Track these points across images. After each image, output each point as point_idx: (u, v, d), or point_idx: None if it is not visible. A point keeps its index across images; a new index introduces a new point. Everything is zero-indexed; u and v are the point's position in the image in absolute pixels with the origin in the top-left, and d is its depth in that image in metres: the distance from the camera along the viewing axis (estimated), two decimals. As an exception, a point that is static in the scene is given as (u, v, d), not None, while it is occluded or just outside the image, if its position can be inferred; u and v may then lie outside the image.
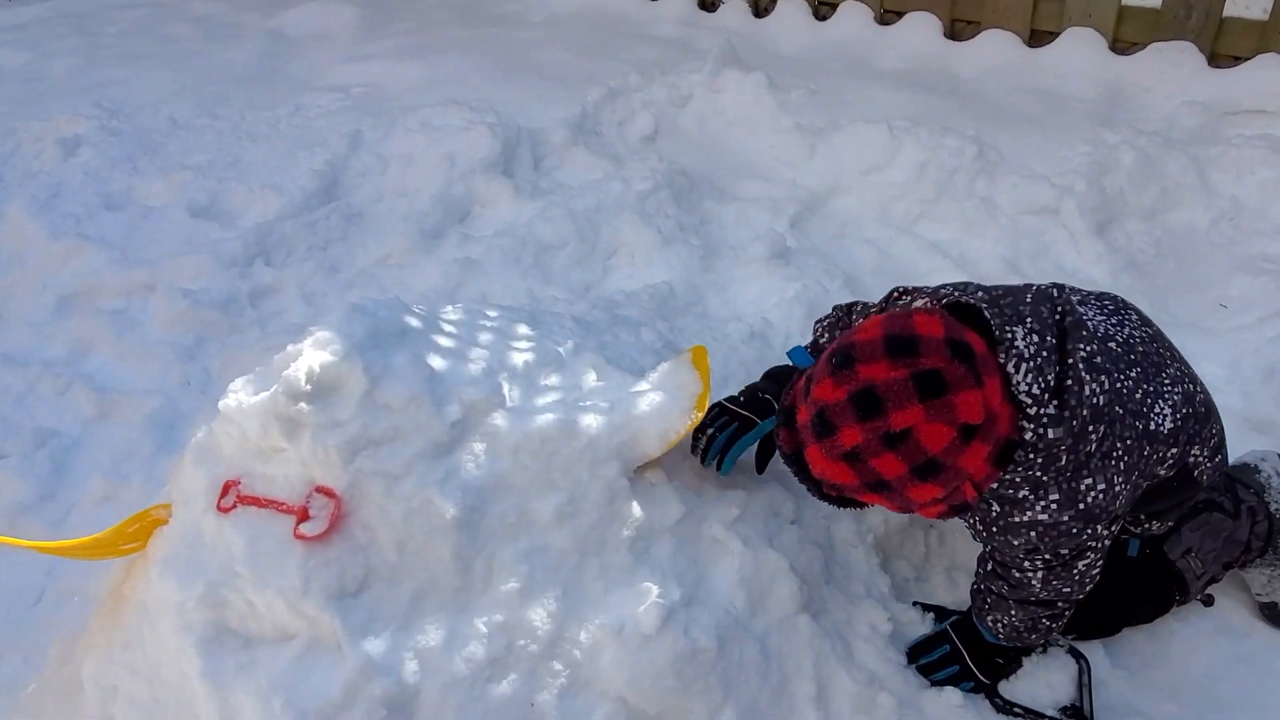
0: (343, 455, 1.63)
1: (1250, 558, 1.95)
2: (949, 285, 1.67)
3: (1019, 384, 1.40)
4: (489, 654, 1.60)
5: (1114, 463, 1.51)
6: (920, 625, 1.97)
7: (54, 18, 5.70)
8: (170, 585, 1.64)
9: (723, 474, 1.89)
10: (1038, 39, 4.03)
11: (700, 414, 1.80)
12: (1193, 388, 1.67)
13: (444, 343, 1.90)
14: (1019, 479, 1.49)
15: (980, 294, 1.54)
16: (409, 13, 5.29)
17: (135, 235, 3.32)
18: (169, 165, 3.74)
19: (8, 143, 3.95)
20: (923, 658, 1.88)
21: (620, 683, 1.62)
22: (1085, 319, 1.53)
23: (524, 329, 2.08)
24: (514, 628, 1.64)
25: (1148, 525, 1.85)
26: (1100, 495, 1.50)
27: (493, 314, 2.12)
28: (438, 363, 1.82)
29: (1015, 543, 1.59)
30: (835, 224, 3.22)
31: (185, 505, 1.74)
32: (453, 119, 3.64)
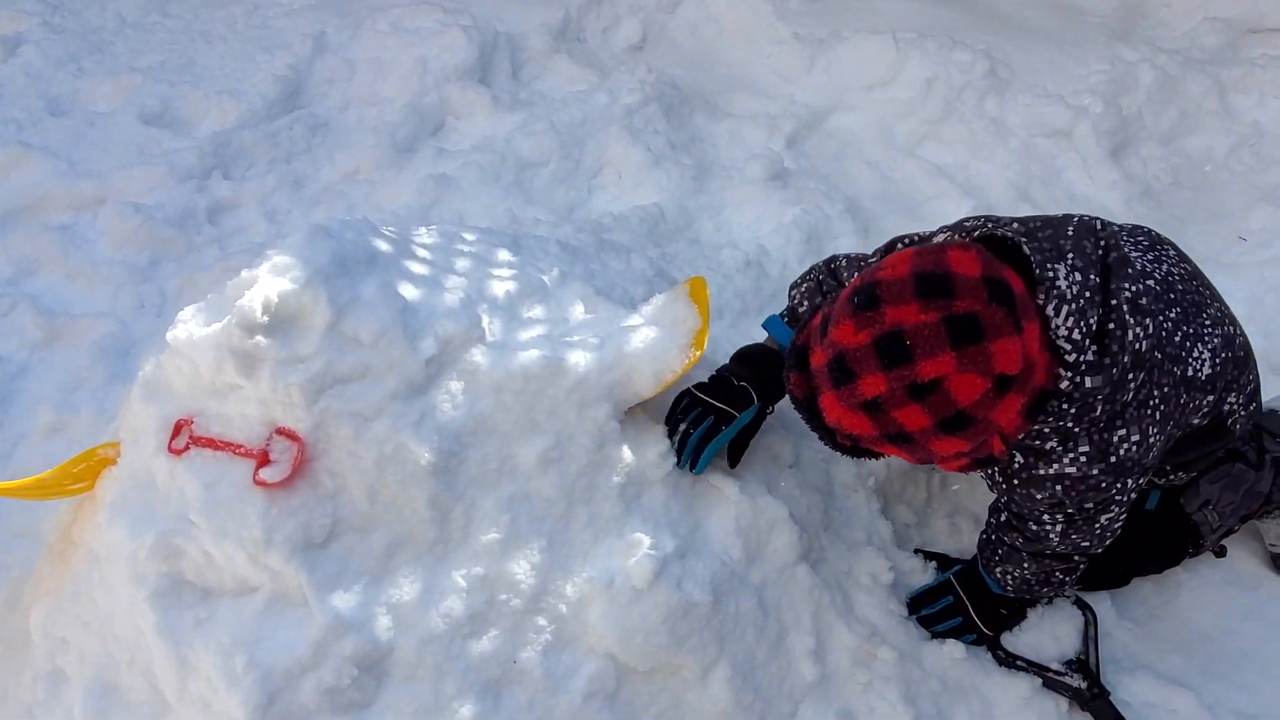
0: (306, 394, 1.49)
1: (1270, 509, 1.86)
2: (971, 218, 1.51)
3: (1058, 328, 1.27)
4: (468, 609, 1.50)
5: (1150, 412, 1.39)
6: (922, 575, 1.88)
7: (-10, -99, 5.24)
8: (120, 533, 1.51)
9: (696, 473, 1.69)
10: (1052, -54, 3.78)
11: (699, 352, 1.66)
12: (1233, 330, 1.55)
13: (418, 270, 1.74)
14: (1047, 430, 1.38)
15: (1016, 225, 1.38)
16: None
17: (82, 143, 3.08)
18: (117, 67, 3.45)
19: (-60, 41, 3.64)
20: (924, 609, 1.80)
21: (609, 639, 1.52)
22: (1129, 254, 1.39)
23: (505, 255, 1.91)
24: (495, 581, 1.53)
25: (1173, 477, 1.76)
26: (1134, 447, 1.39)
27: (470, 237, 1.95)
28: (411, 292, 1.66)
29: (1039, 496, 1.48)
30: (835, 143, 3.04)
31: (134, 445, 1.60)
32: (425, 20, 3.38)
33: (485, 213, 2.68)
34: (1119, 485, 1.45)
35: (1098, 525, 1.54)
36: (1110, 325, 1.30)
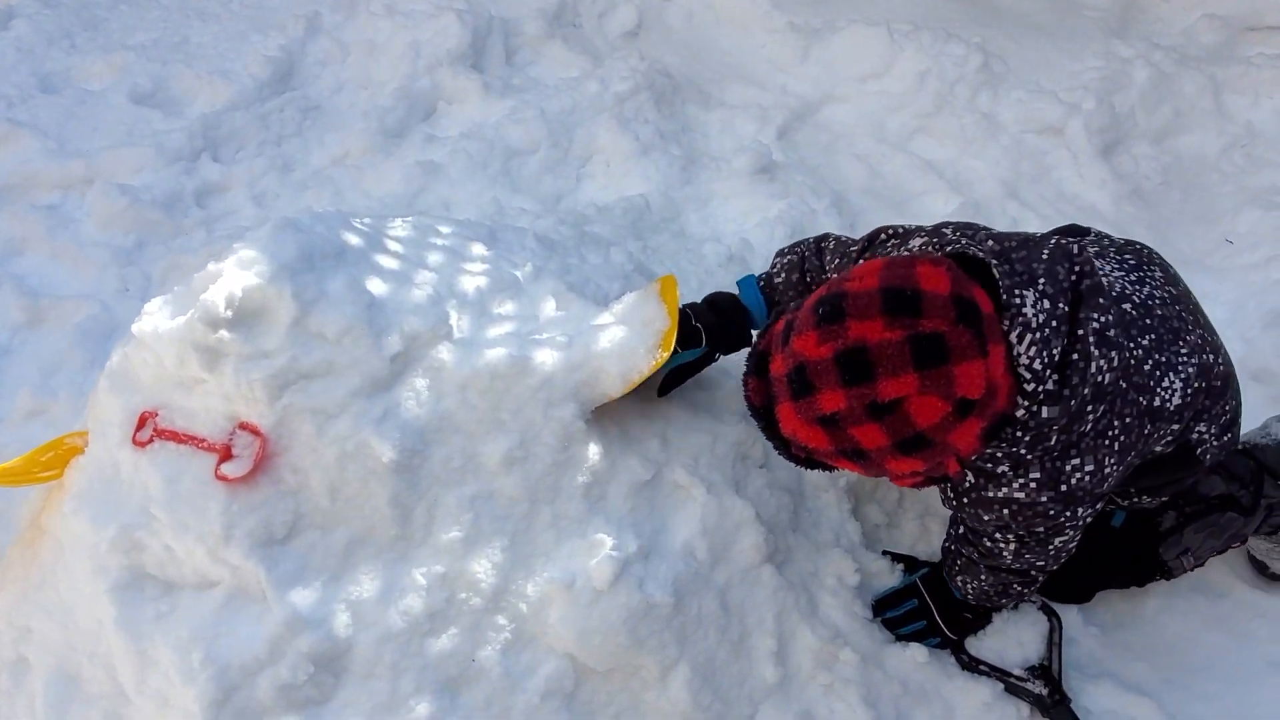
0: (269, 390, 1.49)
1: (1253, 533, 1.84)
2: (951, 225, 1.48)
3: (1020, 356, 1.24)
4: (428, 607, 1.50)
5: (1107, 443, 1.36)
6: (889, 577, 1.88)
7: None
8: (83, 524, 1.52)
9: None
10: (1053, -62, 3.72)
11: (666, 353, 1.65)
12: (1212, 358, 1.50)
13: (387, 264, 1.73)
14: (1000, 454, 1.36)
15: (990, 243, 1.34)
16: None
17: (72, 122, 3.06)
18: (110, 44, 3.43)
19: (-69, 13, 3.62)
20: (889, 611, 1.80)
21: (568, 639, 1.53)
22: (1103, 280, 1.35)
23: (479, 249, 1.90)
24: (456, 580, 1.53)
25: (1137, 500, 1.73)
26: (1087, 477, 1.37)
27: (446, 230, 1.94)
28: (379, 287, 1.65)
29: (986, 517, 1.47)
30: (826, 136, 3.01)
31: (101, 436, 1.61)
32: (420, 3, 3.34)
33: (471, 201, 2.67)
34: (1068, 513, 1.43)
35: (1051, 547, 1.52)
36: (1074, 356, 1.27)
